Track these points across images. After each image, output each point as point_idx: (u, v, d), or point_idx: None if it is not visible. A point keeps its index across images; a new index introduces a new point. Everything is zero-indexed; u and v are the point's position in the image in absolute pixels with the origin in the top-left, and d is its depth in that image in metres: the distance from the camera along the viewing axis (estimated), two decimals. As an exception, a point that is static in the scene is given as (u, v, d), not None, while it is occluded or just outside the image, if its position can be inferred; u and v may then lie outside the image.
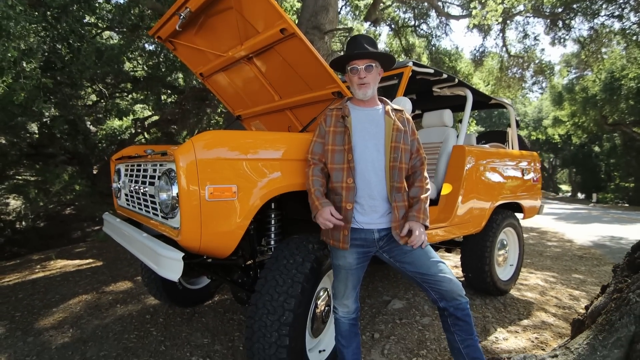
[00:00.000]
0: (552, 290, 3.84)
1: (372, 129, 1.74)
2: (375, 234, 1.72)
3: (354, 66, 1.72)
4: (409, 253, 1.69)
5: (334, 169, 1.72)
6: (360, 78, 1.72)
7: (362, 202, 1.71)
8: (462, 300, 1.66)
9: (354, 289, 1.79)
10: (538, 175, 3.92)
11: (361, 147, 1.71)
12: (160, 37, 2.77)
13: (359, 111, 1.78)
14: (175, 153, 1.59)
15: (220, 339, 2.59)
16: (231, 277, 2.35)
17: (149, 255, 1.74)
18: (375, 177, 1.70)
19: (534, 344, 2.47)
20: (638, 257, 1.81)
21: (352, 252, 1.72)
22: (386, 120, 1.75)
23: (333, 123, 1.77)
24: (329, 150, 1.74)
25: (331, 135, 1.75)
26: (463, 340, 1.68)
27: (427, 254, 1.69)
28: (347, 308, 1.80)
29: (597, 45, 11.30)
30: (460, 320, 1.66)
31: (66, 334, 2.71)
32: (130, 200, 2.42)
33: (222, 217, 1.66)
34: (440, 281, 1.65)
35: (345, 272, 1.75)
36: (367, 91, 1.73)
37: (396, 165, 1.70)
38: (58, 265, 4.69)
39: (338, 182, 1.71)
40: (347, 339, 1.82)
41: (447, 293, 1.65)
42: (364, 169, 1.70)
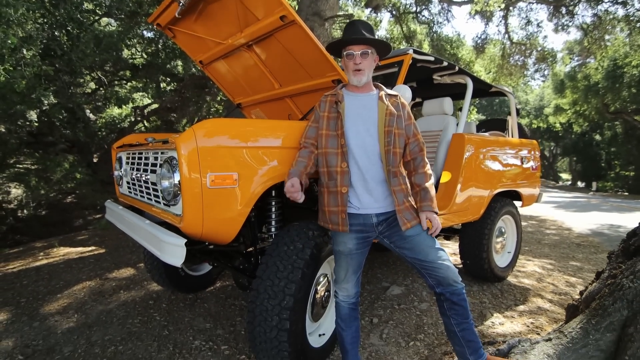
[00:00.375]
0: (549, 277, 3.89)
1: (364, 114, 1.76)
2: (373, 218, 1.74)
3: (350, 51, 1.73)
4: (409, 239, 1.72)
5: (329, 153, 1.74)
6: (355, 64, 1.73)
7: (356, 186, 1.74)
8: (458, 286, 1.71)
9: (354, 274, 1.82)
10: (537, 164, 3.93)
11: (353, 131, 1.73)
12: (160, 25, 2.75)
13: (352, 97, 1.80)
14: (176, 141, 1.61)
15: (222, 323, 2.65)
16: (233, 263, 2.39)
17: (151, 241, 1.78)
18: (368, 161, 1.72)
19: (530, 329, 2.52)
20: (632, 243, 1.84)
21: (351, 237, 1.75)
22: (379, 105, 1.76)
23: (327, 109, 1.79)
24: (322, 135, 1.77)
25: (325, 120, 1.78)
26: (459, 324, 1.73)
27: (426, 241, 1.72)
28: (347, 292, 1.83)
29: (600, 32, 11.17)
30: (456, 305, 1.71)
31: (71, 319, 2.77)
32: (132, 188, 2.45)
33: (223, 204, 1.68)
34: (438, 268, 1.69)
35: (346, 257, 1.78)
36: (362, 78, 1.75)
37: (390, 150, 1.72)
38: (61, 253, 4.74)
39: (333, 166, 1.73)
40: (347, 323, 1.86)
41: (443, 279, 1.70)
42: (357, 154, 1.72)
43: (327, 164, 1.75)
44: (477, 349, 1.75)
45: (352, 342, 1.87)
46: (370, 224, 1.75)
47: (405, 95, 2.24)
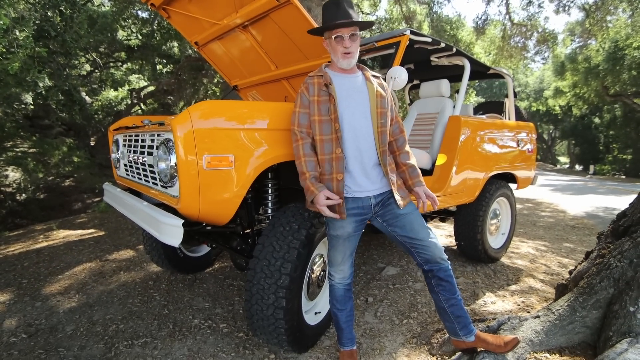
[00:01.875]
0: (542, 258, 3.96)
1: (357, 97, 1.74)
2: (372, 200, 1.76)
3: (339, 35, 1.67)
4: (400, 217, 1.75)
5: (323, 141, 1.70)
6: (345, 47, 1.68)
7: (353, 170, 1.72)
8: (444, 263, 1.76)
9: (350, 256, 1.83)
10: (533, 147, 3.95)
11: (348, 115, 1.70)
12: (154, 5, 2.72)
13: (341, 78, 1.76)
14: (172, 123, 1.62)
15: (220, 303, 2.71)
16: (230, 244, 2.43)
17: (150, 222, 1.80)
18: (366, 144, 1.72)
19: (520, 307, 2.59)
20: (622, 224, 1.88)
21: (350, 221, 1.75)
22: (369, 86, 1.76)
23: (316, 92, 1.72)
24: (315, 121, 1.70)
25: (316, 105, 1.71)
26: (447, 300, 1.78)
27: (417, 220, 1.76)
28: (343, 274, 1.84)
29: (602, 12, 11.01)
30: (443, 281, 1.76)
31: (73, 299, 2.82)
32: (129, 170, 2.46)
33: (219, 186, 1.70)
34: (426, 246, 1.73)
35: (344, 241, 1.78)
36: (352, 60, 1.72)
37: (384, 131, 1.74)
38: (61, 235, 4.79)
39: (328, 153, 1.70)
40: (342, 303, 1.89)
41: (431, 257, 1.74)
42: (354, 137, 1.70)
43: (322, 152, 1.71)
44: (466, 324, 1.81)
45: (347, 321, 1.91)
46: (369, 205, 1.76)
47: (401, 77, 2.24)
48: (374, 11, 11.91)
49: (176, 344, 2.20)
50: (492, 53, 13.83)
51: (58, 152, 11.36)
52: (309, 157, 1.72)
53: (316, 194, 1.64)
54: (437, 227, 5.17)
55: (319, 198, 1.64)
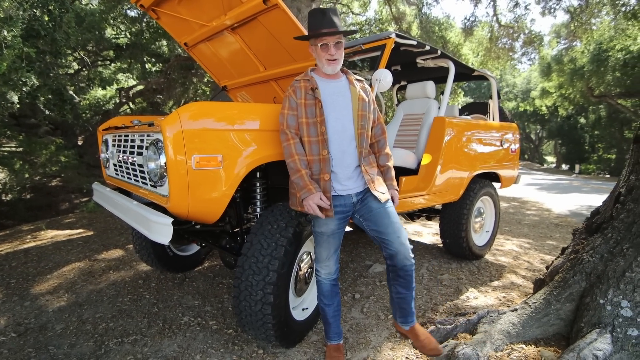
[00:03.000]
0: (525, 255, 4.07)
1: (340, 101, 1.82)
2: (353, 197, 1.84)
3: (324, 43, 1.77)
4: (373, 211, 1.83)
5: (311, 142, 1.77)
6: (330, 54, 1.77)
7: (338, 171, 1.80)
8: (406, 262, 1.82)
9: (335, 252, 1.91)
10: (516, 147, 4.05)
11: (333, 118, 1.79)
12: (143, 5, 2.74)
13: (326, 83, 1.84)
14: (162, 124, 1.66)
15: (210, 300, 2.75)
16: (219, 243, 2.47)
17: (140, 221, 1.84)
18: (349, 146, 1.81)
19: (501, 302, 2.68)
20: (595, 221, 1.97)
21: (334, 218, 1.82)
22: (352, 90, 1.84)
23: (303, 95, 1.79)
24: (303, 123, 1.78)
25: (303, 108, 1.78)
26: (398, 293, 1.90)
27: (388, 216, 1.82)
28: (329, 270, 1.91)
29: (587, 15, 11.25)
30: (401, 278, 1.86)
31: (62, 298, 2.84)
32: (118, 170, 2.49)
33: (208, 185, 1.75)
34: (392, 242, 1.80)
35: (328, 237, 1.86)
36: (337, 66, 1.81)
37: (364, 133, 1.83)
38: (49, 235, 4.76)
39: (315, 154, 1.77)
40: (329, 298, 1.95)
41: (394, 254, 1.81)
42: (339, 140, 1.79)
43: (310, 153, 1.78)
44: (406, 315, 1.93)
45: (334, 316, 1.98)
46: (351, 203, 1.84)
47: (386, 80, 2.30)
48: (364, 12, 12.00)
49: (166, 341, 2.24)
50: (480, 54, 14.03)
51: (45, 152, 11.22)
52: (302, 155, 1.78)
53: (313, 192, 1.70)
54: (424, 225, 5.26)
55: (315, 197, 1.70)
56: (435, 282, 3.06)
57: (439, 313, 2.48)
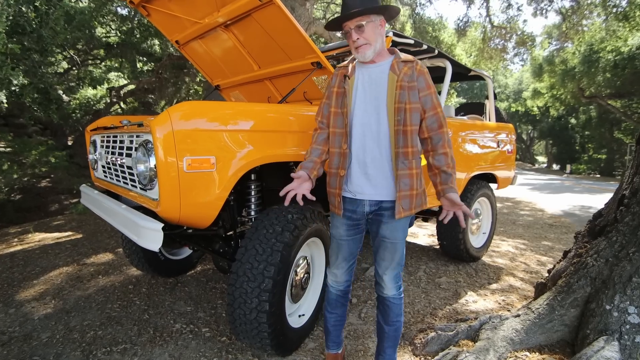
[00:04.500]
0: (522, 257, 4.05)
1: (373, 90, 1.60)
2: (366, 206, 1.64)
3: (346, 30, 1.58)
4: (378, 237, 1.66)
5: (335, 134, 1.65)
6: (354, 41, 1.56)
7: (353, 169, 1.63)
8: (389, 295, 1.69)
9: (344, 261, 1.76)
10: (513, 147, 4.03)
11: (360, 110, 1.60)
12: (133, 2, 2.65)
13: (363, 70, 1.64)
14: (151, 124, 1.58)
15: (203, 306, 2.66)
16: (213, 247, 2.39)
17: (129, 226, 1.76)
18: (373, 143, 1.59)
19: (501, 306, 2.64)
20: (598, 224, 1.93)
21: (342, 222, 1.70)
22: (389, 77, 1.56)
23: (337, 83, 1.67)
24: (331, 112, 1.67)
25: (334, 96, 1.66)
26: (378, 322, 1.77)
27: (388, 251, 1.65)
28: (335, 278, 1.80)
29: (578, 16, 11.34)
30: (381, 305, 1.75)
31: (48, 305, 2.73)
32: (107, 172, 2.39)
33: (201, 188, 1.67)
34: (381, 275, 1.68)
35: (337, 242, 1.75)
36: (366, 52, 1.56)
37: (400, 130, 1.53)
38: (36, 239, 4.63)
39: (337, 147, 1.65)
40: (333, 307, 1.84)
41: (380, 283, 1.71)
42: (361, 134, 1.60)
43: (333, 145, 1.67)
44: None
45: (335, 325, 1.87)
46: (362, 212, 1.66)
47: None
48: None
49: (157, 349, 2.15)
50: (473, 54, 14.09)
51: (35, 152, 11.00)
52: (317, 145, 1.69)
53: (297, 176, 1.58)
54: (421, 227, 5.22)
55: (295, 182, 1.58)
56: (433, 285, 3.01)
57: (439, 318, 2.43)
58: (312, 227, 2.02)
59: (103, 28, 9.41)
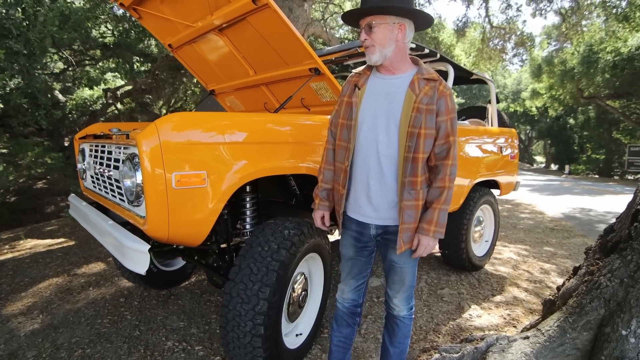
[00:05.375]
0: (524, 264, 3.96)
1: (385, 105, 1.43)
2: (372, 229, 1.54)
3: (360, 28, 1.44)
4: (387, 261, 1.59)
5: (340, 146, 1.54)
6: (362, 41, 1.43)
7: (358, 189, 1.51)
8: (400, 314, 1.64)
9: (353, 279, 1.67)
10: (515, 153, 3.94)
11: (368, 125, 1.45)
12: (123, 4, 2.55)
13: (378, 79, 1.49)
14: (137, 137, 1.48)
15: (196, 321, 2.56)
16: (206, 261, 2.29)
17: (114, 245, 1.66)
18: (377, 165, 1.45)
19: (506, 321, 2.54)
20: (610, 240, 1.84)
21: (350, 242, 1.61)
22: (407, 95, 1.39)
23: (348, 92, 1.54)
24: (338, 123, 1.55)
25: (344, 106, 1.53)
26: (383, 341, 1.72)
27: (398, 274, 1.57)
28: (342, 293, 1.72)
29: (578, 17, 11.28)
30: (388, 323, 1.69)
31: (36, 320, 2.62)
32: (96, 183, 2.29)
33: (191, 206, 1.57)
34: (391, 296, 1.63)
35: (346, 261, 1.67)
36: (372, 56, 1.41)
37: (410, 157, 1.39)
38: (28, 246, 4.52)
39: (340, 162, 1.54)
40: (338, 324, 1.75)
41: (391, 302, 1.65)
42: (365, 152, 1.46)
43: (337, 158, 1.56)
44: None
45: (337, 345, 1.75)
46: (369, 234, 1.55)
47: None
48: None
49: (147, 370, 2.05)
50: (472, 55, 14.02)
51: (31, 154, 10.88)
52: (329, 165, 1.62)
53: (315, 208, 1.67)
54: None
55: (316, 214, 1.67)
56: (435, 297, 2.91)
57: (442, 335, 2.33)
58: (310, 242, 1.92)
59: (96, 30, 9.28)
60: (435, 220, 1.42)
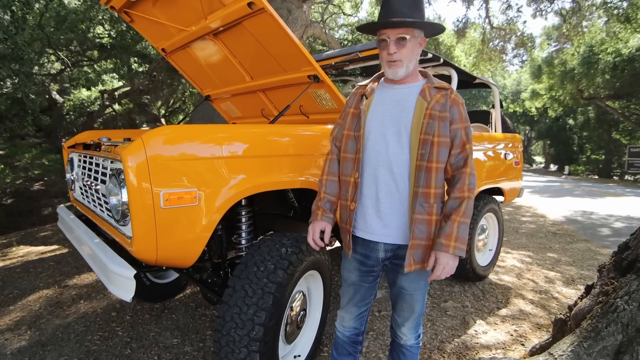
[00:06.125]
0: (528, 272, 3.86)
1: (395, 113, 1.37)
2: (380, 251, 1.44)
3: (383, 38, 1.34)
4: (395, 288, 1.49)
5: (346, 159, 1.46)
6: (389, 54, 1.34)
7: (366, 204, 1.41)
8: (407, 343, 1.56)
9: (355, 306, 1.57)
10: (519, 159, 3.84)
11: (376, 134, 1.38)
12: (114, 7, 2.44)
13: (386, 90, 1.44)
14: (122, 153, 1.37)
15: (190, 338, 2.45)
16: (200, 276, 2.18)
17: (100, 267, 1.55)
18: (388, 176, 1.37)
19: (513, 338, 2.44)
20: (625, 258, 1.74)
21: (354, 266, 1.52)
22: (418, 102, 1.34)
23: (354, 104, 1.48)
24: (344, 135, 1.48)
25: (349, 117, 1.48)
26: None
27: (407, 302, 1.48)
28: (342, 321, 1.62)
29: (578, 18, 11.19)
30: (394, 352, 1.61)
31: (23, 336, 2.51)
32: (85, 195, 2.18)
33: (181, 226, 1.46)
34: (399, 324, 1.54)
35: (348, 286, 1.57)
36: (399, 70, 1.35)
37: (423, 165, 1.31)
38: (20, 253, 4.40)
39: (347, 175, 1.45)
40: (339, 352, 1.65)
41: (399, 330, 1.56)
42: (374, 163, 1.38)
43: (343, 172, 1.48)
44: None
45: None
46: (376, 257, 1.45)
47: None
48: (356, 12, 11.76)
49: (137, 394, 1.95)
50: (472, 56, 13.94)
51: (28, 155, 10.77)
52: (332, 176, 1.52)
53: (314, 220, 1.48)
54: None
55: (314, 226, 1.48)
56: (439, 311, 2.81)
57: (447, 355, 2.23)
58: (309, 260, 1.82)
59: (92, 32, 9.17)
60: (455, 234, 1.28)
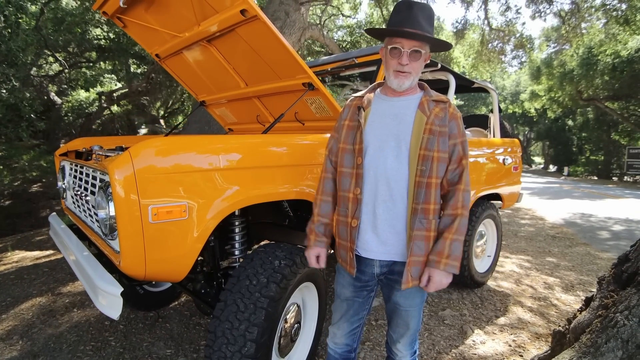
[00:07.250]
0: (527, 278, 3.83)
1: (393, 127, 1.33)
2: (375, 267, 1.40)
3: (397, 46, 1.29)
4: (390, 303, 1.46)
5: (342, 173, 1.41)
6: (400, 64, 1.30)
7: (364, 220, 1.37)
8: None
9: (347, 322, 1.53)
10: (518, 163, 3.81)
11: (374, 148, 1.34)
12: (107, 13, 2.40)
13: (384, 101, 1.40)
14: (109, 166, 1.33)
15: (184, 348, 2.42)
16: (193, 286, 2.15)
17: (88, 281, 1.52)
18: (386, 191, 1.33)
19: (512, 348, 2.41)
20: (625, 270, 1.71)
21: (346, 279, 1.48)
22: (417, 116, 1.31)
23: (349, 116, 1.43)
24: (340, 149, 1.42)
25: (345, 130, 1.41)
26: None
27: (403, 318, 1.45)
28: (334, 338, 1.58)
29: (577, 20, 11.17)
30: None
31: (15, 346, 2.48)
32: (76, 204, 2.15)
33: (170, 241, 1.43)
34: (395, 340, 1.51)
35: (341, 301, 1.53)
36: (406, 82, 1.32)
37: (423, 182, 1.29)
38: (14, 258, 4.36)
39: (345, 190, 1.40)
40: None
41: (393, 347, 1.53)
42: (372, 178, 1.35)
43: (340, 187, 1.42)
44: None
45: None
46: (371, 272, 1.42)
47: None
48: (354, 14, 11.73)
49: (128, 408, 1.91)
50: (471, 57, 13.91)
51: (26, 157, 10.72)
52: (327, 196, 1.48)
53: (309, 247, 1.48)
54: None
55: (308, 255, 1.49)
56: (436, 320, 2.78)
57: (444, 366, 2.20)
58: (304, 272, 1.78)
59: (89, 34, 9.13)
60: (447, 252, 1.28)
